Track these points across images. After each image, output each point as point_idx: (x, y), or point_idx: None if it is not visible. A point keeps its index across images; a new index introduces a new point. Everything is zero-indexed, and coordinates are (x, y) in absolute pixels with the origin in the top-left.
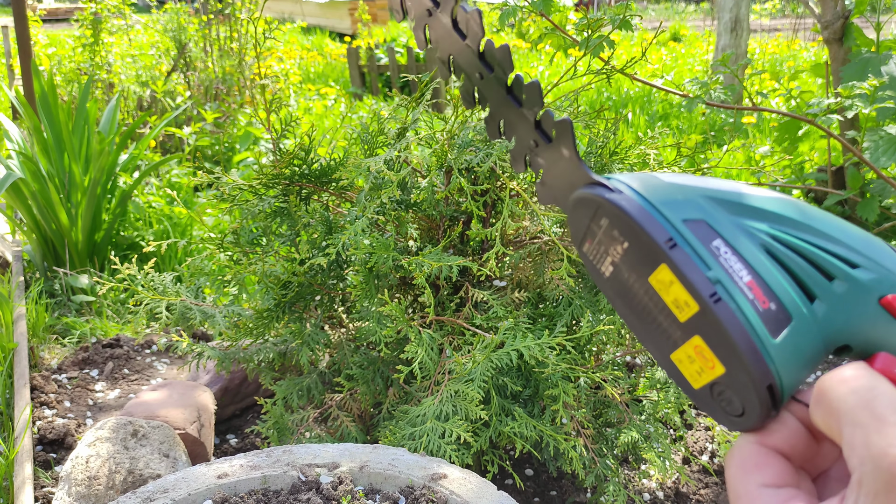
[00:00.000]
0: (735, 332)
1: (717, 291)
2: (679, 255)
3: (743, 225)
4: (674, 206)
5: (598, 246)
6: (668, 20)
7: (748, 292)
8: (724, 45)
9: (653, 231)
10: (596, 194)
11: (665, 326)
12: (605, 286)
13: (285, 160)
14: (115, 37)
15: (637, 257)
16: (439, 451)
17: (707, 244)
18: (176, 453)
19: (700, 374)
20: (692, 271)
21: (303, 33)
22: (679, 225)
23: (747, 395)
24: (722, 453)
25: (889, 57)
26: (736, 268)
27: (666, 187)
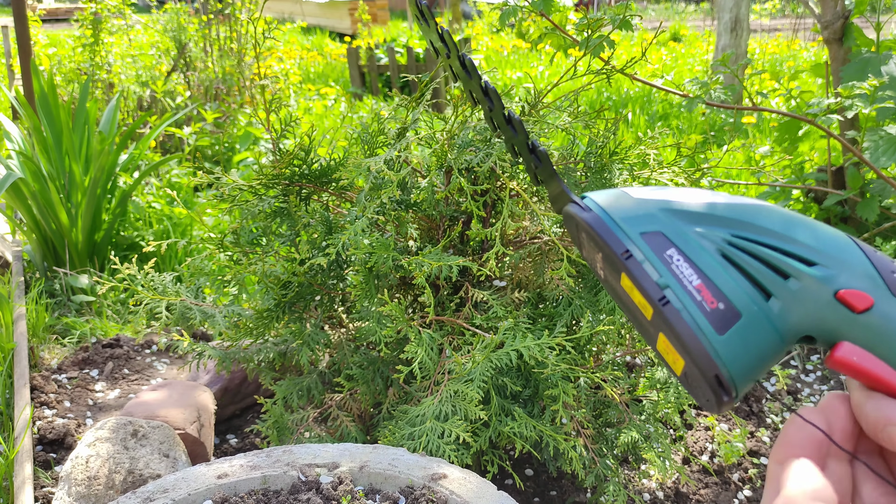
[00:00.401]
0: (682, 331)
1: (666, 295)
2: (633, 265)
3: (700, 233)
4: (633, 221)
5: (588, 253)
6: (668, 20)
7: (696, 294)
8: (724, 45)
9: (612, 244)
10: (573, 212)
11: (643, 323)
12: (605, 285)
13: (285, 160)
14: (115, 37)
15: (609, 265)
16: (438, 451)
17: (660, 254)
18: (176, 453)
19: (675, 364)
20: (644, 279)
21: (303, 33)
22: (636, 238)
23: (701, 383)
24: (722, 453)
25: (889, 57)
26: (686, 273)
27: (629, 203)
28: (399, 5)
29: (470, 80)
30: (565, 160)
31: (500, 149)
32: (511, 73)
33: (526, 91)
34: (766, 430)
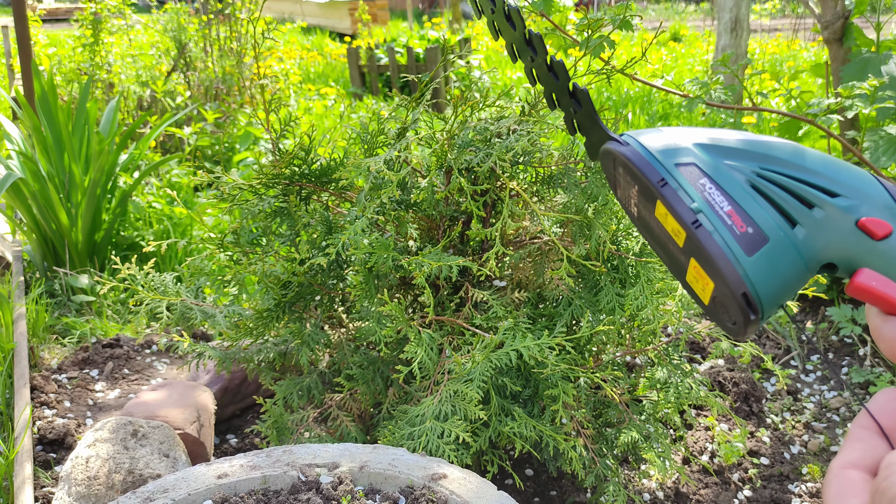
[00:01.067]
0: (713, 251)
1: (699, 219)
2: (668, 192)
3: (731, 165)
4: (668, 153)
5: (623, 191)
6: (668, 20)
7: (727, 219)
8: (725, 45)
9: (648, 174)
10: (611, 148)
11: (675, 253)
12: (636, 223)
13: (285, 160)
14: (115, 37)
15: (644, 197)
16: (438, 450)
17: (694, 182)
18: (176, 453)
19: (703, 291)
20: (678, 204)
21: (303, 33)
22: (671, 168)
23: (731, 303)
24: (722, 453)
25: (889, 57)
26: (718, 199)
27: (665, 138)
28: (399, 5)
29: (514, 32)
30: (565, 160)
31: (500, 149)
32: (511, 73)
33: (526, 91)
34: (766, 431)
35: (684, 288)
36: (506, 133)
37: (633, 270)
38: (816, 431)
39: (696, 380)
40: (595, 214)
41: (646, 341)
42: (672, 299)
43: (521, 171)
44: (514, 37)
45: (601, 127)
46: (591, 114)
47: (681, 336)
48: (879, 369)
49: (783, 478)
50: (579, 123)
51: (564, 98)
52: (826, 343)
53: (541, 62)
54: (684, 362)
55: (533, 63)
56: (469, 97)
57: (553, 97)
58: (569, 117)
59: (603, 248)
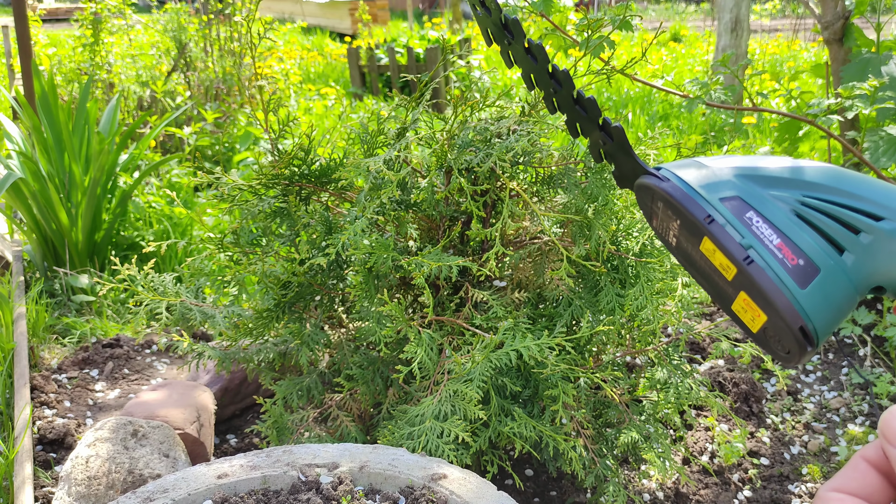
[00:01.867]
0: (767, 287)
1: (750, 255)
2: (716, 229)
3: (774, 195)
4: (711, 188)
5: (661, 222)
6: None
7: (777, 252)
8: (725, 46)
9: (694, 211)
10: (650, 183)
11: (721, 284)
12: (674, 252)
13: (284, 160)
14: (116, 37)
15: (688, 231)
16: (438, 450)
17: (740, 216)
18: (176, 453)
19: (753, 321)
20: (728, 241)
21: (303, 33)
22: (716, 203)
23: (786, 336)
24: (722, 454)
25: (889, 57)
26: (766, 233)
27: (705, 171)
28: (399, 5)
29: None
30: (565, 160)
31: (500, 149)
32: (511, 74)
33: (526, 91)
34: (765, 431)
35: (728, 315)
36: (506, 133)
37: (632, 271)
38: (816, 432)
39: (696, 380)
40: (595, 215)
41: (646, 341)
42: (672, 299)
43: (521, 172)
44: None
45: (635, 160)
46: (623, 146)
47: (681, 336)
48: (880, 370)
49: (783, 478)
50: (608, 153)
51: (593, 130)
52: (826, 343)
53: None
54: (684, 363)
55: (556, 94)
56: (469, 97)
57: (577, 127)
58: (595, 146)
59: (603, 249)
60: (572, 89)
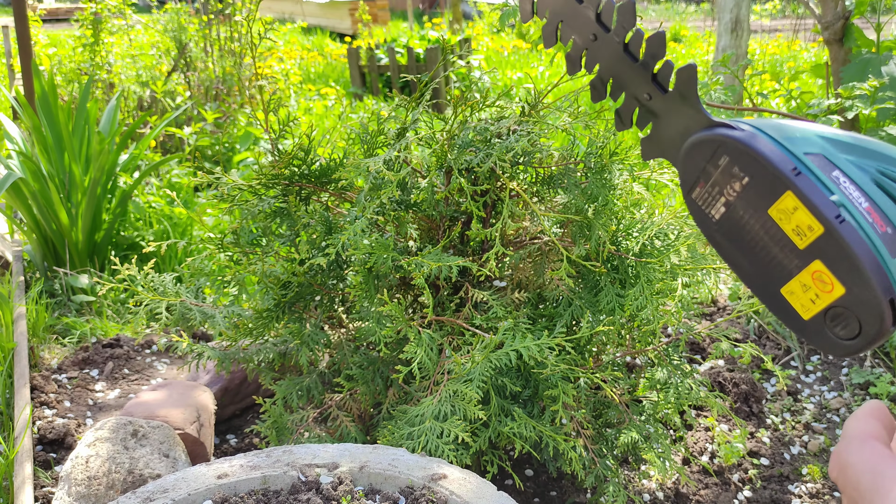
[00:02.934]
0: (860, 251)
1: (842, 213)
2: (804, 182)
3: (855, 161)
4: (795, 141)
5: (711, 188)
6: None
7: (868, 216)
8: (725, 46)
9: (778, 162)
10: (719, 134)
11: (780, 258)
12: (713, 230)
13: (284, 161)
14: (116, 37)
15: (758, 191)
16: (437, 451)
17: (828, 174)
18: (176, 453)
19: (814, 302)
20: (817, 196)
21: (303, 33)
22: (802, 156)
23: (869, 311)
24: (722, 454)
25: (889, 58)
26: (855, 195)
27: (785, 127)
28: (399, 5)
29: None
30: (565, 160)
31: (501, 149)
32: (511, 74)
33: (526, 91)
34: (765, 431)
35: (770, 301)
36: (506, 133)
37: (632, 271)
38: (816, 432)
39: (696, 380)
40: (595, 215)
41: (646, 342)
42: (672, 299)
43: (521, 172)
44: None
45: (700, 110)
46: (687, 94)
47: (681, 336)
48: (879, 370)
49: (783, 478)
50: (649, 110)
51: (637, 82)
52: None
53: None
54: (684, 363)
55: (595, 41)
56: (469, 97)
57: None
58: (630, 104)
59: (603, 249)
60: (628, 31)
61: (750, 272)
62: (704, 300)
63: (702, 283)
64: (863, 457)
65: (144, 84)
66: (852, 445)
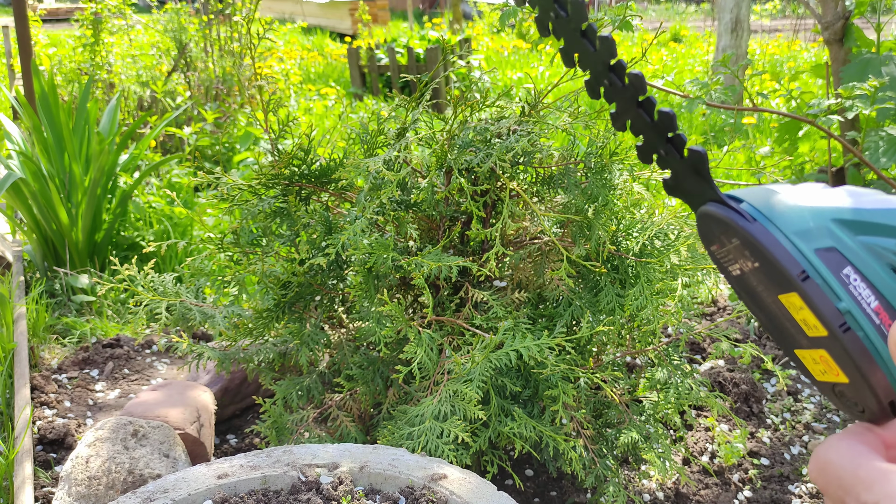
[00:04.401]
0: (861, 359)
1: (847, 321)
2: (811, 288)
3: (870, 245)
4: (805, 236)
5: (727, 253)
6: (668, 21)
7: (875, 318)
8: (725, 46)
9: (787, 263)
10: (728, 218)
11: (792, 332)
12: (732, 281)
13: (284, 161)
14: (116, 37)
15: (768, 278)
16: (437, 451)
17: (837, 273)
18: (176, 453)
19: (824, 374)
20: (823, 303)
21: (303, 33)
22: (811, 256)
23: (868, 404)
24: (722, 454)
25: (889, 58)
26: (864, 294)
27: (796, 213)
28: (399, 5)
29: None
30: (565, 160)
31: (501, 149)
32: (511, 74)
33: (526, 91)
34: (766, 431)
35: (787, 354)
36: (506, 133)
37: (632, 271)
38: (817, 432)
39: (697, 380)
40: (595, 215)
41: (646, 342)
42: (672, 299)
43: (521, 172)
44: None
45: (710, 185)
46: (700, 169)
47: (681, 336)
48: None
49: (783, 478)
50: (666, 163)
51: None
52: None
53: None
54: (684, 363)
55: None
56: (469, 97)
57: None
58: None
59: (603, 249)
60: (642, 93)
61: (767, 325)
62: (704, 300)
63: (702, 283)
64: (840, 452)
65: (144, 84)
66: (830, 442)
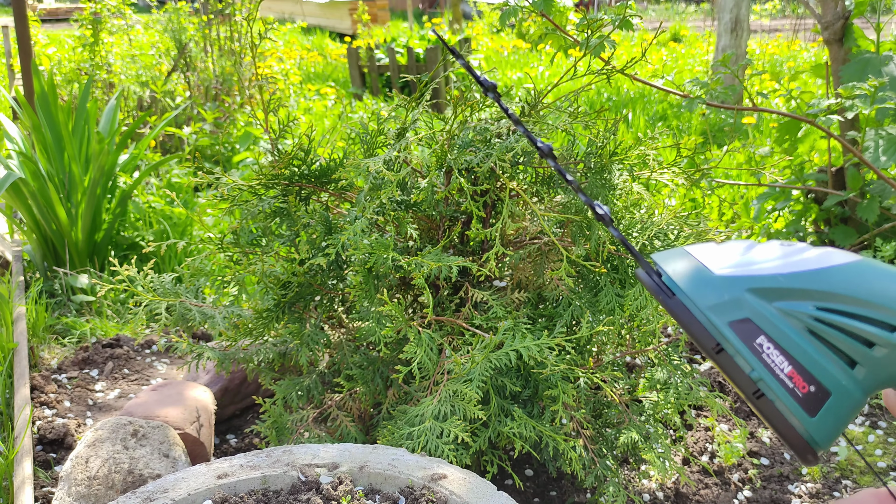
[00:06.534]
0: (775, 419)
1: (760, 388)
2: (724, 360)
3: (786, 311)
4: (720, 310)
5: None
6: (668, 20)
7: (788, 382)
8: (725, 46)
9: (701, 338)
10: (654, 289)
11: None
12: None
13: (284, 161)
14: (115, 37)
15: (696, 344)
16: (437, 450)
17: (750, 343)
18: (176, 453)
19: (765, 424)
20: (736, 373)
21: (303, 33)
22: (724, 329)
23: (798, 454)
24: (722, 454)
25: (889, 58)
26: (778, 361)
27: (712, 287)
28: (399, 5)
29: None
30: (565, 160)
31: (500, 149)
32: (511, 74)
33: (526, 91)
34: (765, 431)
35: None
36: (506, 133)
37: (632, 271)
38: None
39: (696, 380)
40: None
41: (646, 342)
42: None
43: (520, 172)
44: None
45: (637, 257)
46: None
47: (681, 336)
48: None
49: (783, 478)
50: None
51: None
52: None
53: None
54: (684, 363)
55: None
56: (469, 97)
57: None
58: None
59: (602, 249)
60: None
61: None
62: None
63: None
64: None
65: (144, 84)
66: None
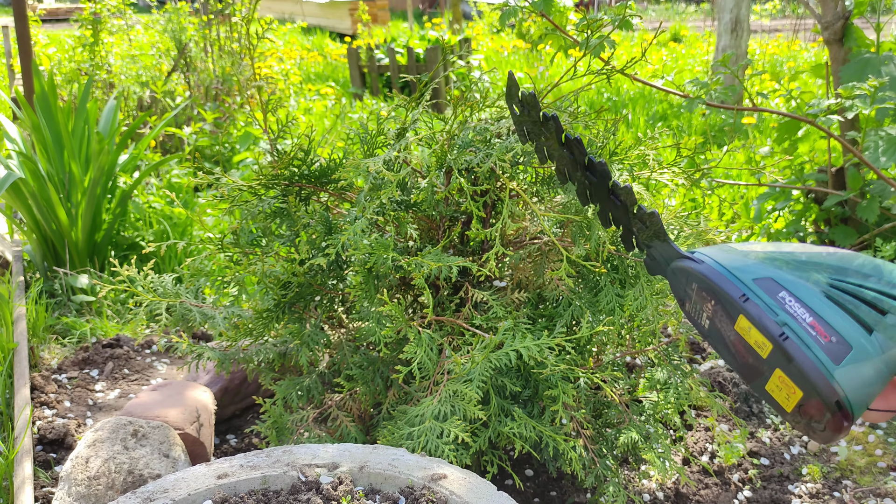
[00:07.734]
0: (802, 362)
1: (785, 332)
2: (751, 307)
3: (805, 278)
4: (744, 270)
5: (694, 305)
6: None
7: (811, 330)
8: (725, 46)
9: (729, 290)
10: (685, 266)
11: (755, 364)
12: (707, 336)
13: (284, 161)
14: (115, 37)
15: (723, 311)
16: (437, 451)
17: (774, 296)
18: (176, 453)
19: (788, 399)
20: (763, 318)
21: (303, 33)
22: (750, 283)
23: (822, 411)
24: (722, 454)
25: (889, 58)
26: (799, 312)
27: (738, 255)
28: (399, 5)
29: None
30: None
31: (500, 149)
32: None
33: None
34: (765, 431)
35: (763, 397)
36: (506, 133)
37: (632, 271)
38: None
39: (696, 380)
40: (595, 215)
41: (646, 342)
42: (672, 300)
43: (520, 172)
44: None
45: (670, 245)
46: (659, 232)
47: (681, 336)
48: None
49: (783, 478)
50: (641, 242)
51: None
52: None
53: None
54: (684, 363)
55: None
56: (469, 97)
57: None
58: (628, 234)
59: (602, 249)
60: (608, 180)
61: (743, 371)
62: None
63: None
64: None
65: (144, 84)
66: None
